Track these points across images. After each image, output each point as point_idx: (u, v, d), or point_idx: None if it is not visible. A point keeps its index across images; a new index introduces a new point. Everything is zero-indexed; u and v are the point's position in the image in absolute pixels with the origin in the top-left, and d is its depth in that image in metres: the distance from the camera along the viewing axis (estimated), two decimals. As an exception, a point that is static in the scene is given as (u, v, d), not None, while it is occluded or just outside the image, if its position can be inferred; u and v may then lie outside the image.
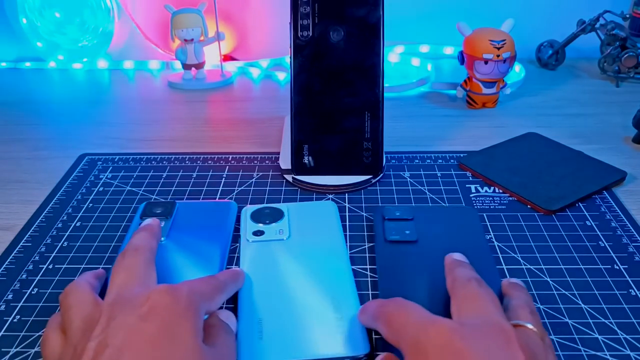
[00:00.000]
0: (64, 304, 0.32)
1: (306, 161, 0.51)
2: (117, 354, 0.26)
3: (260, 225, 0.44)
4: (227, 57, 0.91)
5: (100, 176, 0.55)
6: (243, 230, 0.44)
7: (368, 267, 0.41)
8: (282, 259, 0.40)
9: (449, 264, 0.36)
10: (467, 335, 0.27)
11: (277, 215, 0.45)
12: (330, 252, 0.41)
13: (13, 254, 0.44)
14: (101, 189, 0.53)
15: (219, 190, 0.52)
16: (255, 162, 0.57)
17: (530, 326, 0.29)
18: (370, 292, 0.39)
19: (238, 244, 0.43)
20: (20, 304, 0.38)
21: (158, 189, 0.52)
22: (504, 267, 0.41)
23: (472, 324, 0.28)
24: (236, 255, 0.42)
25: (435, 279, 0.37)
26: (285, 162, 0.53)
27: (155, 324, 0.27)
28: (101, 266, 0.42)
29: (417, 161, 0.56)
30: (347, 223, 0.46)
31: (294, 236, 0.43)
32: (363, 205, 0.49)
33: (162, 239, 0.42)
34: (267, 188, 0.52)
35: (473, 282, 0.32)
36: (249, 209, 0.46)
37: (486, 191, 0.51)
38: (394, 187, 0.51)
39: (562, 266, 0.41)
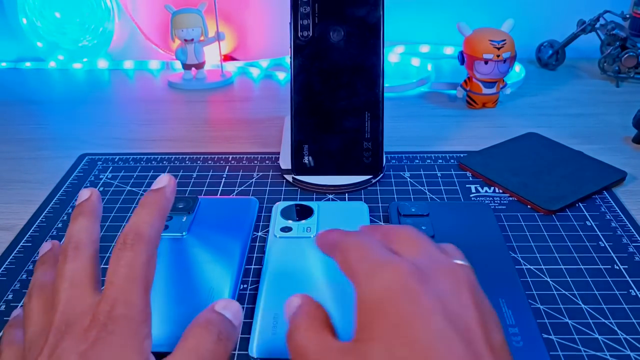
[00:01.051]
0: (25, 306, 0.30)
1: (306, 161, 0.51)
2: None
3: (289, 221, 0.44)
4: (227, 57, 0.91)
5: (101, 176, 0.55)
6: (272, 226, 0.44)
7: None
8: (307, 257, 0.40)
9: (337, 240, 0.30)
10: (422, 277, 0.26)
11: (306, 213, 0.45)
12: None
13: (13, 254, 0.44)
14: (101, 189, 0.53)
15: (219, 190, 0.52)
16: (255, 162, 0.57)
17: (462, 262, 0.29)
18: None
19: (266, 239, 0.44)
20: (20, 304, 0.38)
21: (158, 189, 0.52)
22: (504, 267, 0.41)
23: (424, 264, 0.27)
24: (264, 250, 0.42)
25: None
26: (285, 162, 0.53)
27: None
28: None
29: (417, 161, 0.56)
30: (347, 223, 0.47)
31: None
32: (363, 205, 0.49)
33: (184, 233, 0.43)
34: (267, 188, 0.52)
35: (406, 227, 0.31)
36: (281, 205, 0.47)
37: (486, 191, 0.51)
38: (394, 187, 0.51)
39: (562, 266, 0.41)
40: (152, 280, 0.28)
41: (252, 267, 0.42)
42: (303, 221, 0.44)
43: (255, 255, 0.43)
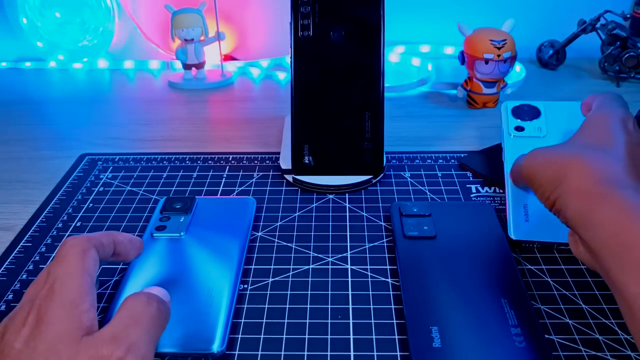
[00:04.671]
0: None
1: (306, 161, 0.51)
2: None
3: (519, 120, 0.48)
4: (228, 57, 0.91)
5: (101, 176, 0.55)
6: (505, 125, 0.49)
7: (368, 267, 0.41)
8: None
9: None
10: None
11: (534, 113, 0.49)
12: None
13: (13, 254, 0.44)
14: (101, 189, 0.53)
15: (219, 190, 0.52)
16: (256, 162, 0.57)
17: None
18: (370, 292, 0.39)
19: (502, 137, 0.49)
20: (20, 304, 0.38)
21: (158, 189, 0.52)
22: (505, 267, 0.41)
23: None
24: (503, 149, 0.48)
25: (455, 273, 0.38)
26: (285, 162, 0.53)
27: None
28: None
29: (418, 161, 0.56)
30: (348, 223, 0.46)
31: (550, 134, 0.46)
32: (363, 205, 0.49)
33: (182, 233, 0.43)
34: (268, 188, 0.52)
35: None
36: (509, 104, 0.50)
37: (487, 191, 0.50)
38: (394, 187, 0.51)
39: (562, 266, 0.41)
40: (92, 268, 0.30)
41: (252, 267, 0.42)
42: (535, 120, 0.48)
43: (255, 255, 0.43)
